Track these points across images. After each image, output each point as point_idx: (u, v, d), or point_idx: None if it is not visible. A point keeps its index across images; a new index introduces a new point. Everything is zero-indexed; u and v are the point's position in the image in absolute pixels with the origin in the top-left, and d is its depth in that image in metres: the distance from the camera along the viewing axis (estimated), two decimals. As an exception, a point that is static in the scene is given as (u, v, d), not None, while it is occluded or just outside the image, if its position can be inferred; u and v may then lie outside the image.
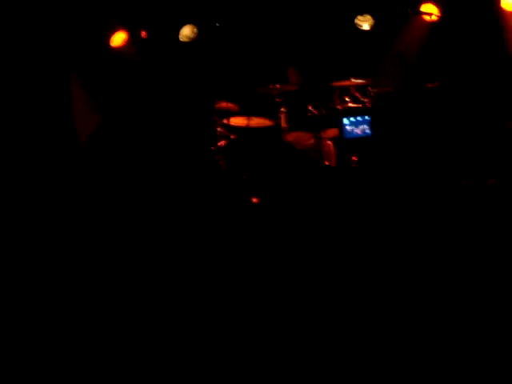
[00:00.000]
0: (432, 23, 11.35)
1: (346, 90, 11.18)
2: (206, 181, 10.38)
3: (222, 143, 10.80)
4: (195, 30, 11.57)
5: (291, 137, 10.83)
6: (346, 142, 10.53)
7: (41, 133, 10.62)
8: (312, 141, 10.79)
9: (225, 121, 10.83)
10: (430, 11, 11.30)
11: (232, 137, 10.78)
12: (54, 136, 10.78)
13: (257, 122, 10.88)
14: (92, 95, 11.43)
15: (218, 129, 10.88)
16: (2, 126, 10.35)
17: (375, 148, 10.50)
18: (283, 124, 10.98)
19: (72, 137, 11.07)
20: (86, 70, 11.37)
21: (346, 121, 10.56)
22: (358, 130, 10.57)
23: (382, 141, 10.53)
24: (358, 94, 11.07)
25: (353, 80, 11.15)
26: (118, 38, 11.44)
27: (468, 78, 11.30)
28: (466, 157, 10.10)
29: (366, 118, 10.58)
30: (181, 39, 11.60)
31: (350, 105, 11.00)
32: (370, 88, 11.08)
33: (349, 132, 10.57)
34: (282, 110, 11.01)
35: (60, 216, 9.09)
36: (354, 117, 10.55)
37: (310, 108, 10.86)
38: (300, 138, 10.81)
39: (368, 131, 10.58)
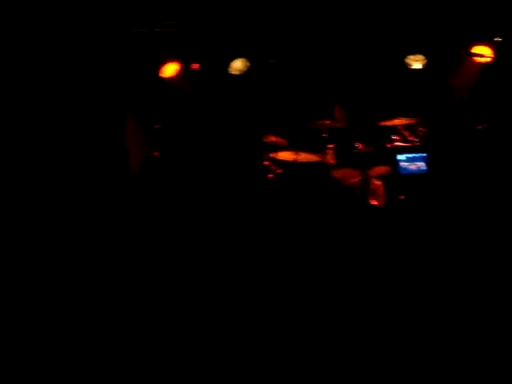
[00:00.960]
0: (484, 65, 11.29)
1: (394, 129, 11.15)
2: (253, 213, 10.37)
3: (269, 177, 10.82)
4: (247, 63, 11.68)
5: (338, 173, 10.80)
6: (399, 180, 10.51)
7: (96, 170, 10.72)
8: (359, 178, 10.75)
9: (272, 155, 10.86)
10: (483, 53, 11.27)
11: (279, 171, 10.80)
12: (109, 172, 10.87)
13: (304, 157, 10.90)
14: (144, 128, 11.57)
15: (266, 163, 10.91)
16: (62, 161, 10.47)
17: (430, 184, 10.44)
18: (330, 160, 10.96)
19: (126, 173, 11.17)
20: (139, 103, 11.50)
21: (401, 157, 10.54)
22: (413, 167, 10.53)
23: (437, 178, 10.48)
24: (406, 133, 11.03)
25: (402, 119, 11.11)
26: (170, 69, 11.57)
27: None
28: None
29: (423, 154, 10.54)
30: (232, 72, 11.71)
31: (398, 143, 10.96)
32: (419, 127, 11.05)
33: (404, 168, 10.55)
34: (330, 146, 11.00)
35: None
36: (410, 153, 10.53)
37: (357, 145, 10.85)
38: (347, 175, 10.77)
39: (424, 167, 10.54)
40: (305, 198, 10.30)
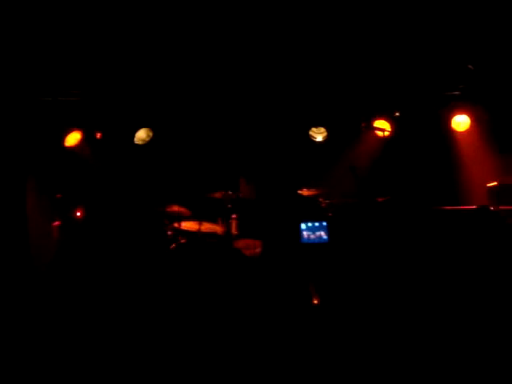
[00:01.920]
0: (384, 139, 11.55)
1: (298, 200, 11.26)
2: (155, 283, 10.24)
3: (172, 246, 10.73)
4: (150, 133, 11.69)
5: (241, 243, 10.79)
6: (301, 248, 10.56)
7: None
8: (260, 249, 10.76)
9: (175, 224, 10.80)
10: (383, 127, 11.54)
11: (182, 241, 10.73)
12: (8, 240, 10.61)
13: (208, 227, 10.88)
14: (46, 196, 11.39)
15: (169, 232, 10.83)
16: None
17: (331, 254, 10.52)
18: (233, 230, 10.96)
19: (25, 241, 10.91)
20: (41, 171, 11.34)
21: (303, 226, 10.60)
22: (314, 236, 10.59)
23: (337, 247, 10.57)
24: (309, 204, 11.15)
25: (305, 191, 11.23)
26: (73, 138, 11.48)
27: (417, 193, 11.48)
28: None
29: (323, 223, 10.62)
30: (136, 142, 11.69)
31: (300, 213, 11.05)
32: (321, 199, 11.19)
33: (305, 238, 10.59)
34: (233, 216, 11.01)
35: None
36: (312, 222, 10.59)
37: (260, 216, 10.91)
38: (249, 245, 10.76)
39: (325, 237, 10.61)
40: (206, 268, 10.25)
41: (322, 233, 10.62)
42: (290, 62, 10.90)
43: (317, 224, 10.62)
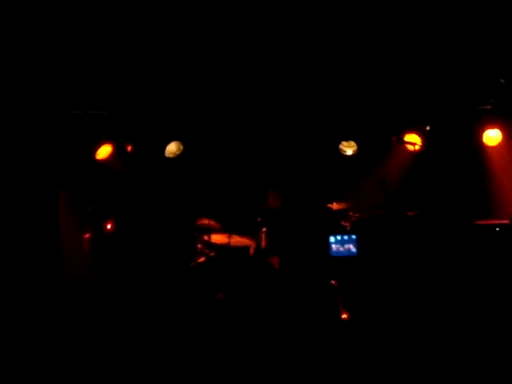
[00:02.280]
0: (415, 153, 11.49)
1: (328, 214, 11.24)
2: (185, 297, 10.28)
3: (201, 260, 10.76)
4: (181, 146, 11.73)
5: (274, 260, 10.77)
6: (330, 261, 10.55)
7: (25, 254, 10.53)
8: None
9: (205, 237, 10.82)
10: (414, 141, 11.49)
11: (212, 254, 10.76)
12: (41, 252, 10.69)
13: (237, 240, 10.88)
14: (77, 209, 11.47)
15: (198, 245, 10.85)
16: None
17: (360, 267, 10.49)
18: (263, 244, 10.95)
19: (57, 253, 10.99)
20: (73, 184, 11.43)
21: (332, 239, 10.58)
22: (343, 249, 10.57)
23: (366, 260, 10.53)
24: (339, 218, 11.12)
25: (335, 204, 11.20)
26: (104, 151, 11.55)
27: (447, 207, 11.41)
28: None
29: (352, 237, 10.59)
30: (166, 155, 11.73)
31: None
32: (351, 212, 11.15)
33: (335, 251, 10.57)
34: (263, 229, 11.00)
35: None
36: (341, 235, 10.57)
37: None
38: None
39: (354, 250, 10.58)
40: (236, 281, 10.27)
41: (351, 246, 10.58)
42: (322, 75, 10.91)
43: (346, 237, 10.60)
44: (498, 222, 10.64)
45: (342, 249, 10.59)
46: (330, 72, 10.93)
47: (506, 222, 10.51)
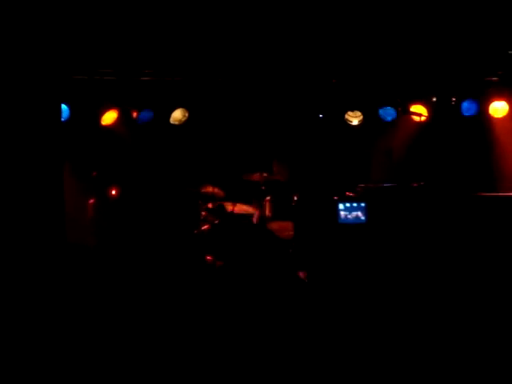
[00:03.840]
0: (421, 123, 11.46)
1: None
2: (188, 265, 10.30)
3: (205, 227, 10.80)
4: (186, 114, 11.72)
5: (274, 225, 10.80)
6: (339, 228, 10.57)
7: (32, 215, 10.53)
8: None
9: (209, 205, 10.85)
10: (420, 112, 11.45)
11: (216, 221, 10.80)
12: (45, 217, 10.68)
13: (241, 208, 10.91)
14: (81, 176, 11.49)
15: (203, 213, 10.88)
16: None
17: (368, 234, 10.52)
18: (267, 212, 10.97)
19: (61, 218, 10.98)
20: (77, 150, 11.43)
21: (341, 206, 10.59)
22: (351, 216, 10.58)
23: (374, 228, 10.55)
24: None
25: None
26: (109, 117, 11.54)
27: (452, 179, 11.42)
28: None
29: (361, 204, 10.59)
30: (171, 122, 11.73)
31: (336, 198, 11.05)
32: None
33: (343, 218, 10.58)
34: (267, 198, 11.02)
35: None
36: (350, 202, 10.56)
37: (295, 198, 10.88)
38: (283, 227, 10.76)
39: (363, 218, 10.59)
40: (240, 249, 10.30)
41: (360, 213, 10.58)
42: (329, 45, 10.87)
43: (355, 204, 10.58)
44: (502, 194, 10.65)
45: (350, 216, 10.60)
46: (337, 41, 10.90)
47: (511, 194, 10.53)
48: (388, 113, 11.80)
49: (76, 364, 6.48)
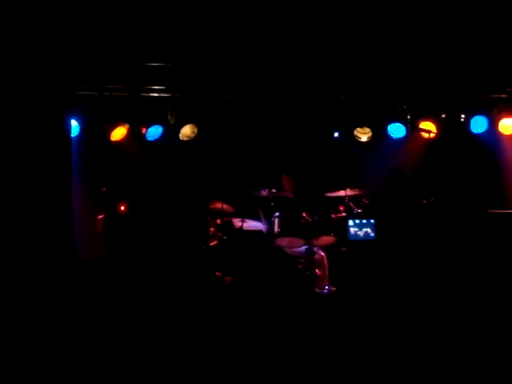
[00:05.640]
0: (430, 140, 11.45)
1: (340, 200, 11.23)
2: (196, 280, 10.31)
3: (214, 243, 10.80)
4: (195, 129, 11.75)
5: (283, 241, 10.77)
6: (348, 245, 10.60)
7: (41, 229, 10.53)
8: (304, 248, 10.73)
9: (218, 221, 10.86)
10: (429, 129, 11.44)
11: (224, 237, 10.80)
12: (53, 232, 10.68)
13: (250, 224, 10.92)
14: (90, 190, 11.51)
15: (211, 229, 10.89)
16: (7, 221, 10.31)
17: (378, 251, 10.55)
18: (276, 228, 10.95)
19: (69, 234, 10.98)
20: (86, 165, 11.44)
21: (350, 222, 10.62)
22: (361, 233, 10.61)
23: (384, 244, 10.59)
24: (352, 204, 11.13)
25: (348, 190, 11.18)
26: (119, 133, 11.58)
27: (462, 195, 11.41)
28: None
29: (371, 221, 10.62)
30: (181, 138, 11.76)
31: (344, 214, 11.05)
32: (363, 199, 11.15)
33: (353, 234, 10.61)
34: (276, 214, 11.00)
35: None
36: (359, 219, 10.61)
37: (304, 215, 10.87)
38: (292, 243, 10.74)
39: (372, 234, 10.61)
40: (248, 264, 10.30)
41: (369, 230, 10.61)
42: (338, 61, 10.91)
43: (364, 221, 10.62)
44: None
45: (360, 232, 10.62)
46: (347, 58, 10.94)
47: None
48: (397, 129, 11.80)
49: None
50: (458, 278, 9.75)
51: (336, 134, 11.86)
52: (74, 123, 11.03)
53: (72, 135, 10.91)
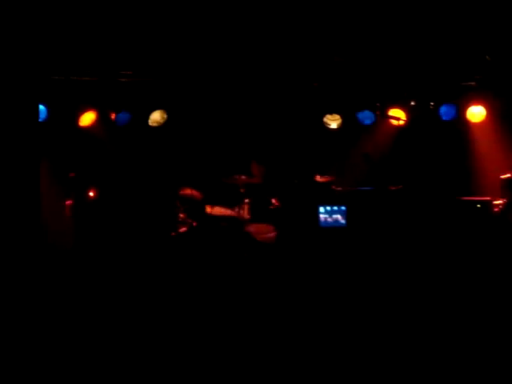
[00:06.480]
0: (399, 127, 11.49)
1: (310, 186, 11.26)
2: (165, 266, 10.28)
3: (183, 229, 10.78)
4: (165, 115, 11.70)
5: (252, 228, 10.78)
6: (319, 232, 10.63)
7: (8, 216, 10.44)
8: (273, 234, 10.76)
9: (187, 207, 10.85)
10: (398, 116, 11.49)
11: (194, 224, 10.79)
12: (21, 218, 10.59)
13: (219, 210, 10.90)
14: (59, 177, 11.42)
15: (181, 215, 10.86)
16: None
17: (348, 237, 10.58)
18: (245, 215, 10.96)
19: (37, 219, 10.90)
20: (55, 150, 11.36)
21: (321, 209, 10.62)
22: (331, 219, 10.62)
23: (354, 231, 10.62)
24: (322, 190, 11.15)
25: (318, 177, 11.21)
26: (87, 118, 11.51)
27: (430, 183, 11.48)
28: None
29: (342, 208, 10.63)
30: (150, 124, 11.70)
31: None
32: (333, 186, 11.18)
33: (323, 221, 10.62)
34: (246, 201, 11.01)
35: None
36: (330, 206, 10.61)
37: (273, 201, 10.89)
38: (261, 229, 10.76)
39: (342, 221, 10.63)
40: (217, 251, 10.31)
41: (340, 216, 10.62)
42: (309, 48, 10.90)
43: (335, 208, 10.63)
44: (479, 198, 10.73)
45: (330, 219, 10.63)
46: (318, 45, 10.93)
47: (488, 198, 10.61)
48: (366, 116, 11.83)
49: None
50: (426, 263, 9.81)
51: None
52: (41, 108, 10.97)
53: (40, 120, 10.92)
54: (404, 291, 8.84)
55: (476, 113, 11.75)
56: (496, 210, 10.52)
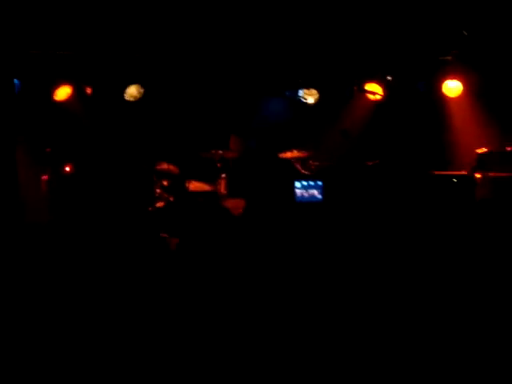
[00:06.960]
0: (376, 102, 11.52)
1: (287, 161, 11.27)
2: (141, 242, 10.25)
3: (160, 204, 10.75)
4: (141, 90, 11.64)
5: (229, 203, 10.79)
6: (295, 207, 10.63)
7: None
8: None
9: (164, 182, 10.80)
10: (375, 90, 11.50)
11: (170, 199, 10.76)
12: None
13: (196, 186, 10.88)
14: (34, 152, 11.35)
15: (157, 190, 10.84)
16: None
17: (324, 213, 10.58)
18: (222, 190, 10.97)
19: (15, 195, 10.85)
20: (31, 125, 11.28)
21: (297, 184, 10.61)
22: (307, 194, 10.62)
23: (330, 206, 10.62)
24: (298, 166, 11.16)
25: (295, 152, 11.22)
26: (63, 93, 11.42)
27: (406, 157, 11.51)
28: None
29: (318, 183, 10.63)
30: (126, 98, 11.64)
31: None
32: (310, 161, 11.19)
33: (299, 196, 10.61)
34: (223, 175, 11.00)
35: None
36: (307, 181, 10.61)
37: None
38: (237, 205, 10.76)
39: (318, 196, 10.63)
40: (194, 226, 10.29)
41: (316, 192, 10.62)
42: (284, 22, 10.85)
43: (312, 183, 10.63)
44: (455, 172, 10.77)
45: (306, 194, 10.63)
46: (292, 18, 10.88)
47: (464, 172, 10.65)
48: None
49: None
50: (403, 238, 9.86)
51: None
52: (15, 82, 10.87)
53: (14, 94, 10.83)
54: (381, 266, 8.90)
55: (452, 87, 11.77)
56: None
